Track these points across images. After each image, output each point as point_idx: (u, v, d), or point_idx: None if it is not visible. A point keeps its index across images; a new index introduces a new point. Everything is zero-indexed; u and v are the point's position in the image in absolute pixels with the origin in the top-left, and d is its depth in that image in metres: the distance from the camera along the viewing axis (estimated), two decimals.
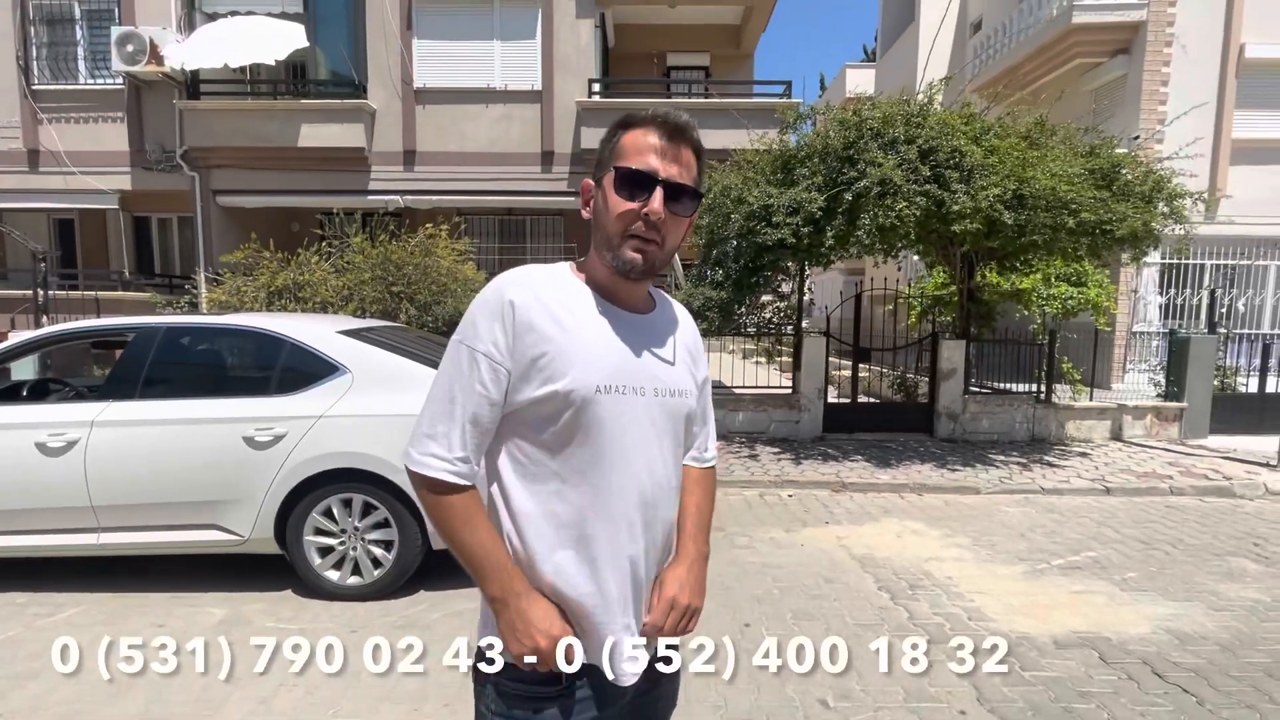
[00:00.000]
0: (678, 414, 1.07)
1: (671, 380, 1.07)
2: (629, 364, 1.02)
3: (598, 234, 1.04)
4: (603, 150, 1.05)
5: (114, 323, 3.94)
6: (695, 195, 1.03)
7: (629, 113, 1.03)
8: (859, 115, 6.37)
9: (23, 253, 11.27)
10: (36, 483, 3.37)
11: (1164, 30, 10.42)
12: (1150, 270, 10.70)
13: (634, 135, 1.01)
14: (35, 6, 10.50)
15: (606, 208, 1.01)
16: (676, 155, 1.01)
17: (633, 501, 1.01)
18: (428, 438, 0.99)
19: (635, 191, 0.99)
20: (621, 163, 1.00)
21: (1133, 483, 5.94)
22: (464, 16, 10.43)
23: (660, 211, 0.98)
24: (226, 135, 10.23)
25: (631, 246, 1.00)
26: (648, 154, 0.99)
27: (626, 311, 1.07)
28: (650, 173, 0.98)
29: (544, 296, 1.00)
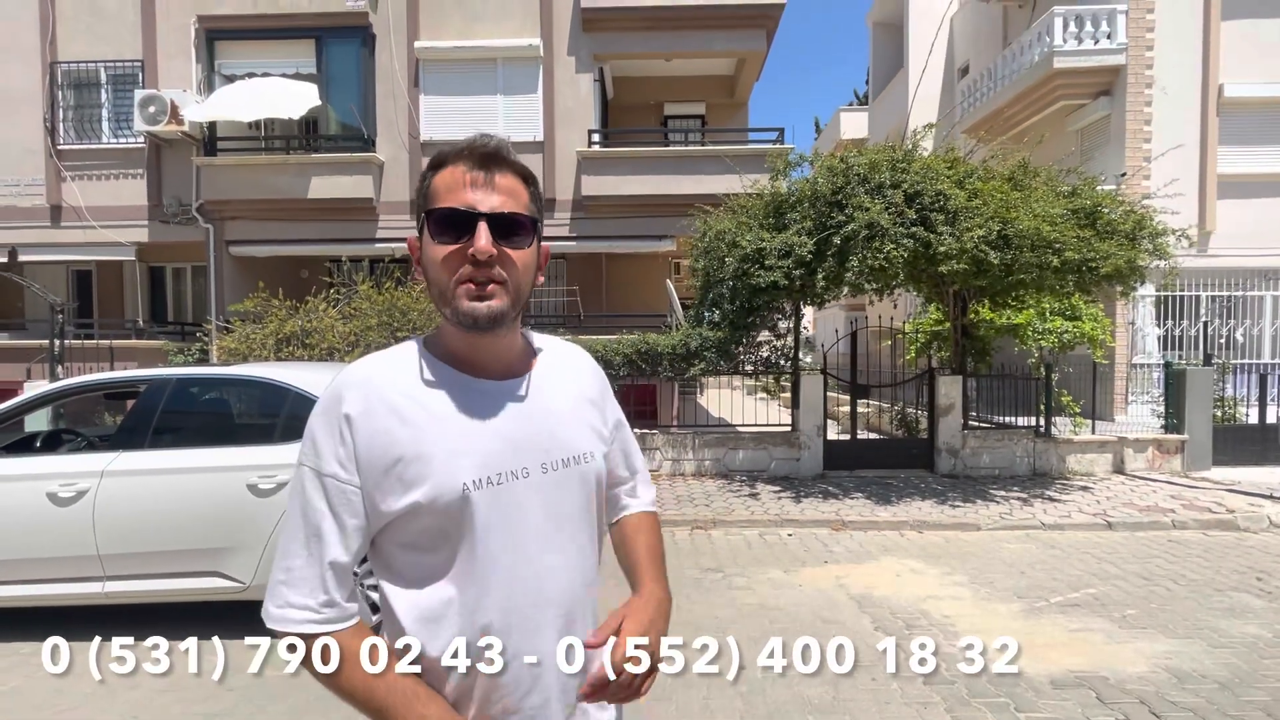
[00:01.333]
0: (581, 481, 0.93)
1: (565, 447, 0.93)
2: (504, 447, 0.88)
3: (432, 290, 0.89)
4: (420, 197, 0.91)
5: (126, 375, 4.10)
6: (530, 222, 0.89)
7: (440, 151, 0.90)
8: (846, 162, 6.61)
9: (42, 304, 11.61)
10: (46, 532, 3.46)
11: (1143, 73, 10.78)
12: (1146, 303, 10.81)
13: (447, 173, 0.88)
14: (64, 72, 11.08)
15: (428, 258, 0.88)
16: (494, 184, 0.87)
17: (542, 599, 0.88)
18: (282, 585, 0.84)
19: (456, 234, 0.85)
20: (435, 205, 0.87)
21: (1135, 517, 5.91)
22: (468, 74, 10.93)
23: (487, 249, 0.84)
24: (240, 189, 10.63)
25: (467, 295, 0.85)
26: (461, 190, 0.86)
27: (493, 380, 0.91)
28: (465, 209, 0.85)
29: (385, 394, 0.86)
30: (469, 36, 10.83)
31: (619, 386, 8.31)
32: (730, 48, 11.12)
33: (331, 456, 0.85)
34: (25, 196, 11.14)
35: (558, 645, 0.90)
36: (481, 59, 10.85)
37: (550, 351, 1.01)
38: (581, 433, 0.96)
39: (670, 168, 10.52)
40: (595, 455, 0.96)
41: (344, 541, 0.85)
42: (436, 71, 10.92)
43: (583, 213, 10.85)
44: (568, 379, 0.99)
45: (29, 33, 10.94)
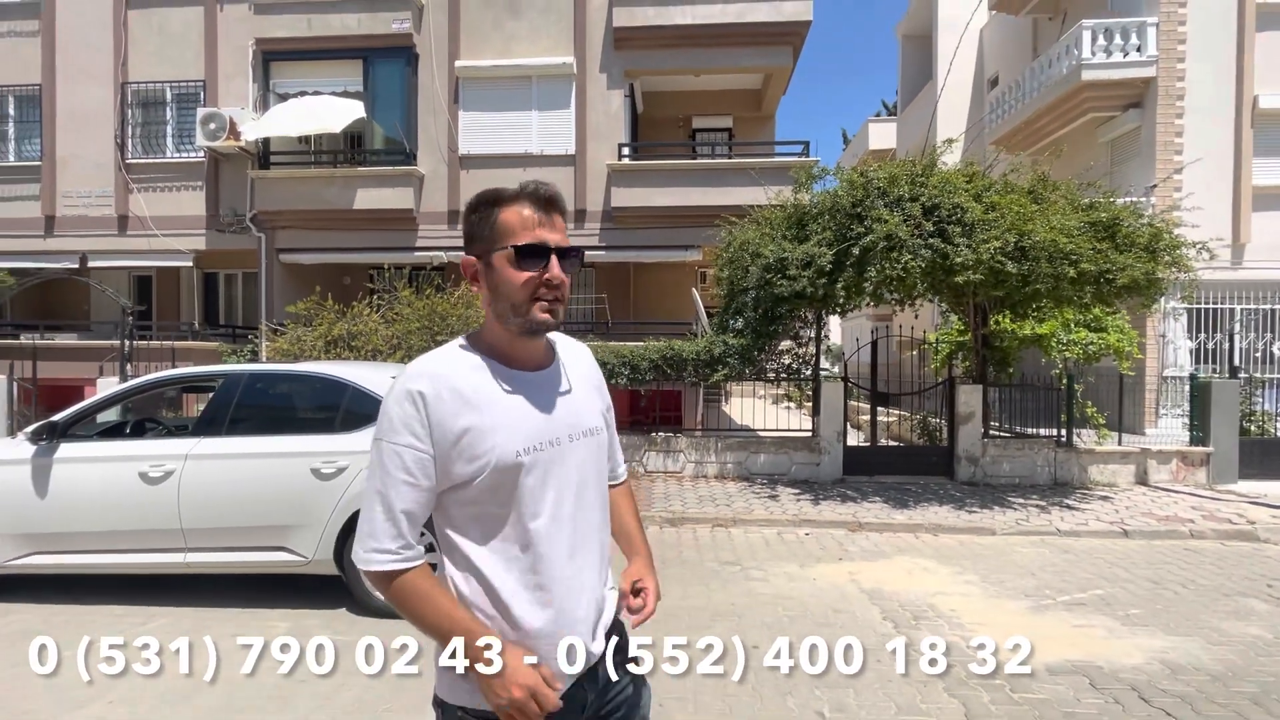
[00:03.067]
0: (597, 448, 1.20)
1: (583, 422, 1.18)
2: (542, 422, 1.12)
3: (500, 304, 1.11)
4: (479, 228, 1.13)
5: (207, 370, 4.56)
6: (579, 252, 1.15)
7: (498, 191, 1.13)
8: (865, 175, 6.84)
9: (105, 306, 12.44)
10: (138, 508, 3.92)
11: (1174, 85, 10.75)
12: (1178, 316, 10.72)
13: (512, 213, 1.10)
14: (134, 92, 11.94)
15: (506, 280, 1.09)
16: (553, 222, 1.11)
17: (578, 534, 1.14)
18: (368, 536, 1.06)
19: (532, 262, 1.08)
20: (512, 240, 1.09)
21: (1152, 525, 5.99)
22: (505, 90, 11.44)
23: (560, 275, 1.10)
24: (291, 200, 11.30)
25: (540, 309, 1.10)
26: (534, 228, 1.09)
27: (528, 372, 1.15)
28: (543, 244, 1.09)
29: (450, 382, 1.08)
30: (506, 56, 11.35)
31: (645, 391, 8.64)
32: (757, 63, 11.44)
33: (406, 431, 1.05)
34: (96, 207, 12.00)
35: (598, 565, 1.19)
36: (518, 76, 11.35)
37: (563, 347, 1.27)
38: (593, 411, 1.22)
39: (697, 180, 10.85)
40: (601, 430, 1.23)
41: (415, 497, 1.05)
42: (475, 89, 11.46)
43: (612, 223, 11.23)
44: (579, 369, 1.25)
45: (104, 56, 11.83)
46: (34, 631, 3.67)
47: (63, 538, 3.97)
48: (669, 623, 3.90)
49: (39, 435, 3.97)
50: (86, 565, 4.01)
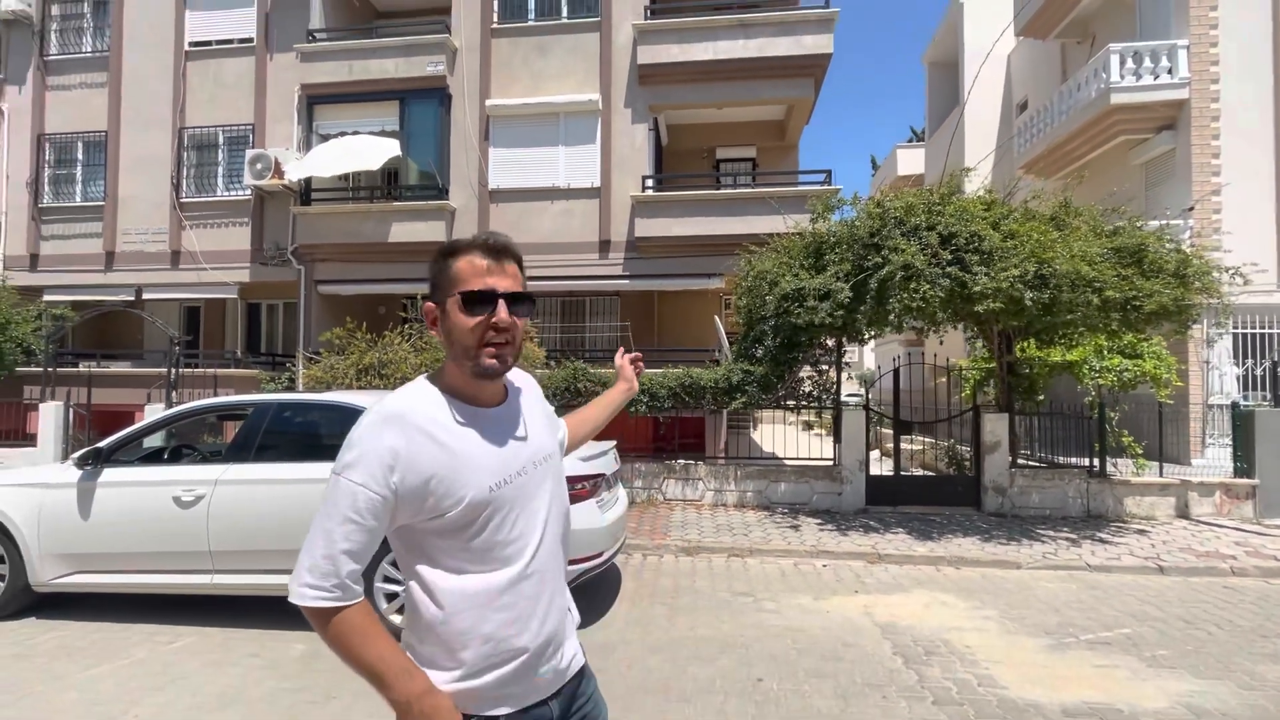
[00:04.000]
0: (556, 473, 1.28)
1: (542, 449, 1.26)
2: (508, 456, 1.18)
3: (454, 348, 1.17)
4: (438, 276, 1.19)
5: (238, 400, 4.81)
6: (530, 298, 1.21)
7: (455, 242, 1.20)
8: (882, 206, 6.87)
9: (156, 336, 13.15)
10: (171, 530, 4.14)
11: (1208, 106, 10.52)
12: (1223, 341, 10.31)
13: (465, 261, 1.17)
14: (189, 136, 12.77)
15: (457, 325, 1.16)
16: (504, 270, 1.18)
17: (542, 555, 1.19)
18: (305, 570, 1.05)
19: (480, 308, 1.14)
20: (464, 287, 1.15)
21: (1190, 562, 5.72)
22: (533, 127, 11.86)
23: (506, 319, 1.15)
24: (330, 234, 11.84)
25: (488, 354, 1.15)
26: (484, 275, 1.15)
27: (487, 409, 1.21)
28: (489, 290, 1.15)
29: (419, 421, 1.12)
30: (535, 94, 11.80)
31: (665, 418, 8.68)
32: (779, 96, 11.62)
33: (364, 470, 1.06)
34: (151, 243, 12.78)
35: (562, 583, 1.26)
36: (545, 114, 11.76)
37: (516, 380, 1.33)
38: (547, 437, 1.30)
39: (719, 210, 11.00)
40: (555, 454, 1.31)
41: (359, 538, 1.06)
42: (504, 126, 11.91)
43: (635, 252, 11.43)
44: (529, 399, 1.32)
45: (164, 104, 12.72)
46: (72, 647, 3.89)
47: (102, 558, 4.21)
48: (675, 651, 3.91)
49: (85, 461, 4.25)
50: (122, 585, 4.23)
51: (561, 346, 12.61)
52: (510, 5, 12.13)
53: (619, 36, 11.59)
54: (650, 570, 5.74)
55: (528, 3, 12.09)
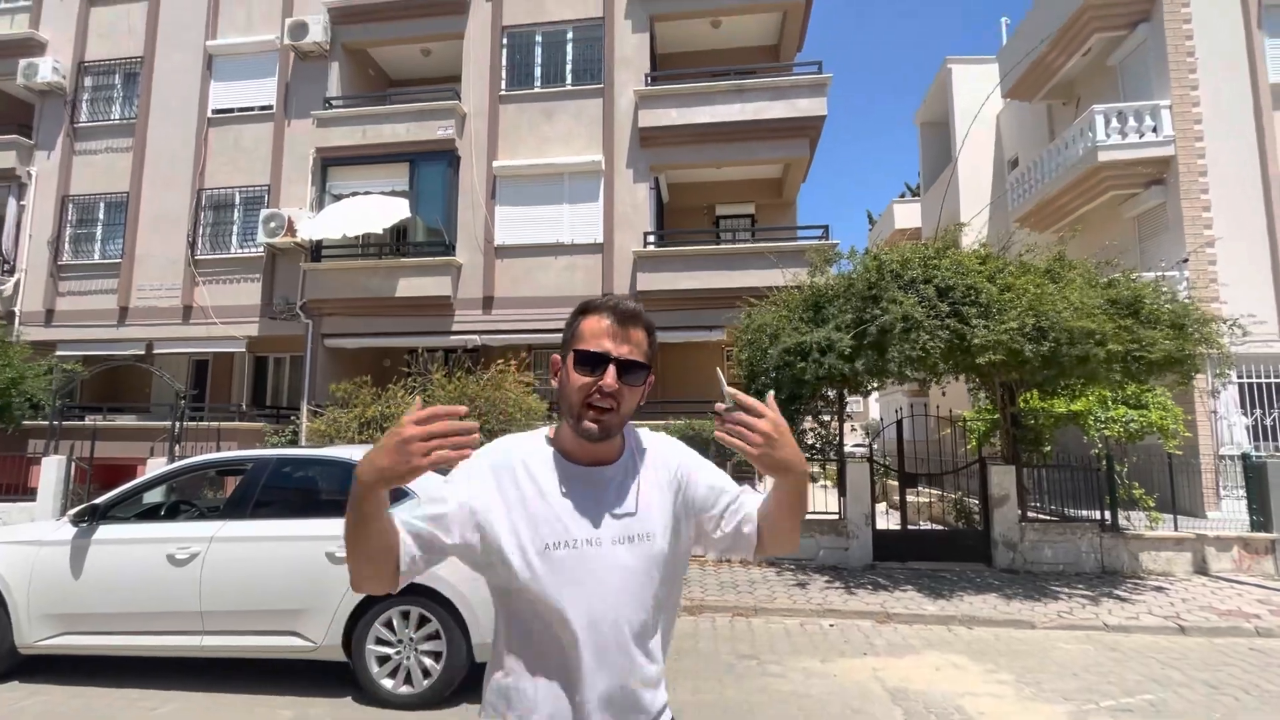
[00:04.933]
0: (643, 557, 1.15)
1: (633, 526, 1.16)
2: (582, 518, 1.14)
3: (562, 404, 1.18)
4: (566, 333, 1.20)
5: (237, 455, 4.82)
6: (644, 368, 1.17)
7: (587, 300, 1.21)
8: (879, 259, 6.99)
9: (165, 389, 13.26)
10: (163, 589, 4.07)
11: (1195, 162, 10.80)
12: (1228, 391, 10.24)
13: (590, 321, 1.17)
14: (207, 196, 13.24)
15: (568, 382, 1.16)
16: (627, 336, 1.15)
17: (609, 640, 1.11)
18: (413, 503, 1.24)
19: (591, 368, 1.13)
20: (580, 346, 1.15)
21: (1213, 621, 5.52)
22: (539, 186, 12.25)
23: (612, 384, 1.12)
24: (338, 289, 12.09)
25: (589, 416, 1.13)
26: (602, 337, 1.14)
27: (588, 467, 1.19)
28: (603, 353, 1.13)
29: (516, 461, 1.17)
30: (540, 155, 12.24)
31: None
32: (776, 156, 12.02)
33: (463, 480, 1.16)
34: (164, 299, 13.05)
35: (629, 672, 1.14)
36: (550, 174, 12.18)
37: (639, 444, 1.25)
38: (650, 516, 1.18)
39: (719, 264, 11.21)
40: (656, 537, 1.18)
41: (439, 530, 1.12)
42: (511, 185, 12.31)
43: None
44: (647, 468, 1.23)
45: (185, 167, 13.25)
46: (56, 713, 3.77)
47: (91, 618, 4.13)
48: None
49: (80, 518, 4.23)
50: (109, 647, 4.12)
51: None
52: (517, 73, 12.74)
53: (621, 101, 12.10)
54: None
55: (534, 71, 12.69)
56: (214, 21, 13.66)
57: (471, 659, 3.88)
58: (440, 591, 3.86)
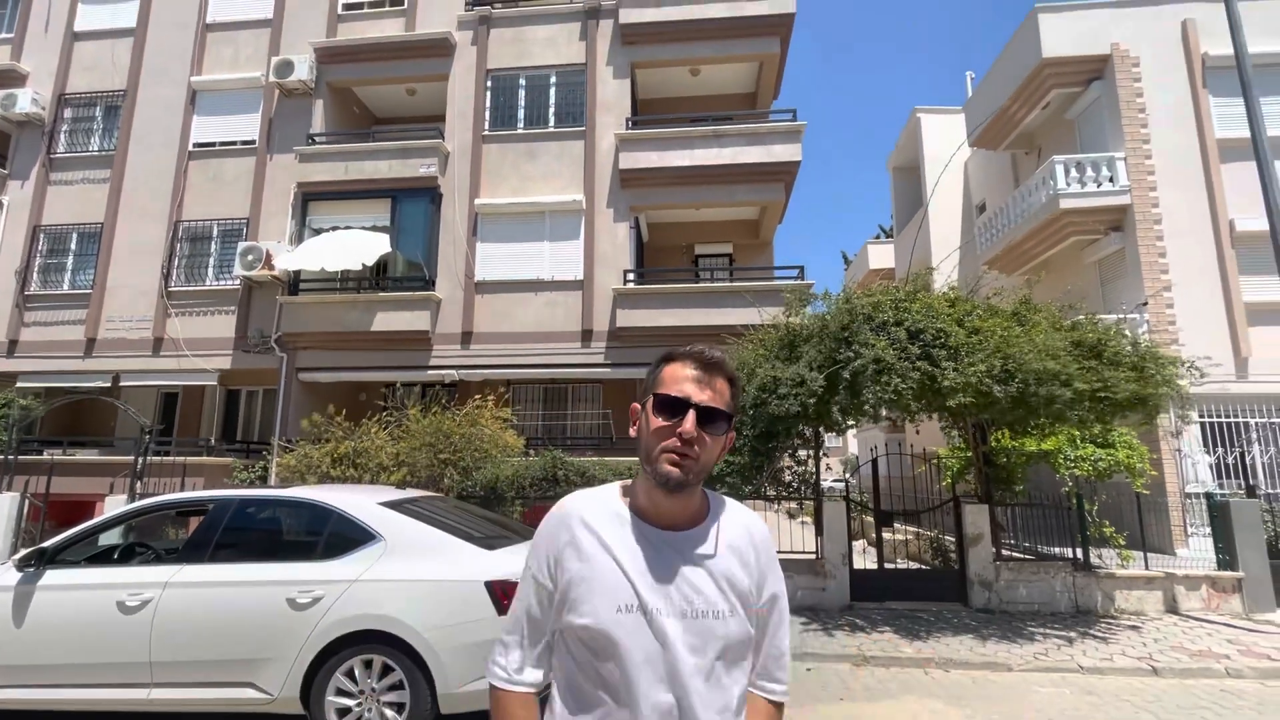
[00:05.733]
0: (713, 635, 1.08)
1: (704, 601, 1.09)
2: (653, 587, 1.08)
3: (641, 450, 1.14)
4: (649, 380, 1.19)
5: (196, 495, 4.67)
6: (727, 417, 1.13)
7: (672, 349, 1.19)
8: (850, 302, 7.15)
9: (130, 422, 12.88)
10: (109, 638, 3.87)
11: (1150, 210, 11.31)
12: (1191, 429, 10.52)
13: (674, 368, 1.14)
14: (184, 228, 13.13)
15: (646, 429, 1.13)
16: (710, 384, 1.13)
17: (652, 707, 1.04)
18: (499, 647, 1.18)
19: (671, 414, 1.10)
20: (661, 390, 1.13)
21: (1184, 662, 5.55)
22: (520, 224, 12.38)
23: (691, 431, 1.08)
24: (315, 323, 11.97)
25: (667, 460, 1.09)
26: (684, 383, 1.12)
27: (663, 530, 1.13)
28: (683, 398, 1.10)
29: (586, 523, 1.14)
30: (522, 194, 12.41)
31: None
32: (752, 198, 12.33)
33: (538, 563, 1.16)
34: (134, 330, 12.80)
35: None
36: (532, 212, 12.33)
37: (722, 513, 1.19)
38: (722, 592, 1.11)
39: (697, 302, 11.35)
40: (727, 615, 1.10)
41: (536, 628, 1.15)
42: (492, 222, 12.43)
43: (618, 342, 11.64)
44: (728, 541, 1.15)
45: (163, 199, 13.17)
46: None
47: (33, 670, 3.91)
48: None
49: (26, 562, 4.04)
50: (51, 701, 3.90)
51: (543, 434, 12.53)
52: (501, 114, 13.00)
53: (602, 144, 12.38)
54: None
55: (518, 113, 12.96)
56: (200, 58, 13.79)
57: (436, 709, 3.74)
58: (404, 639, 3.73)
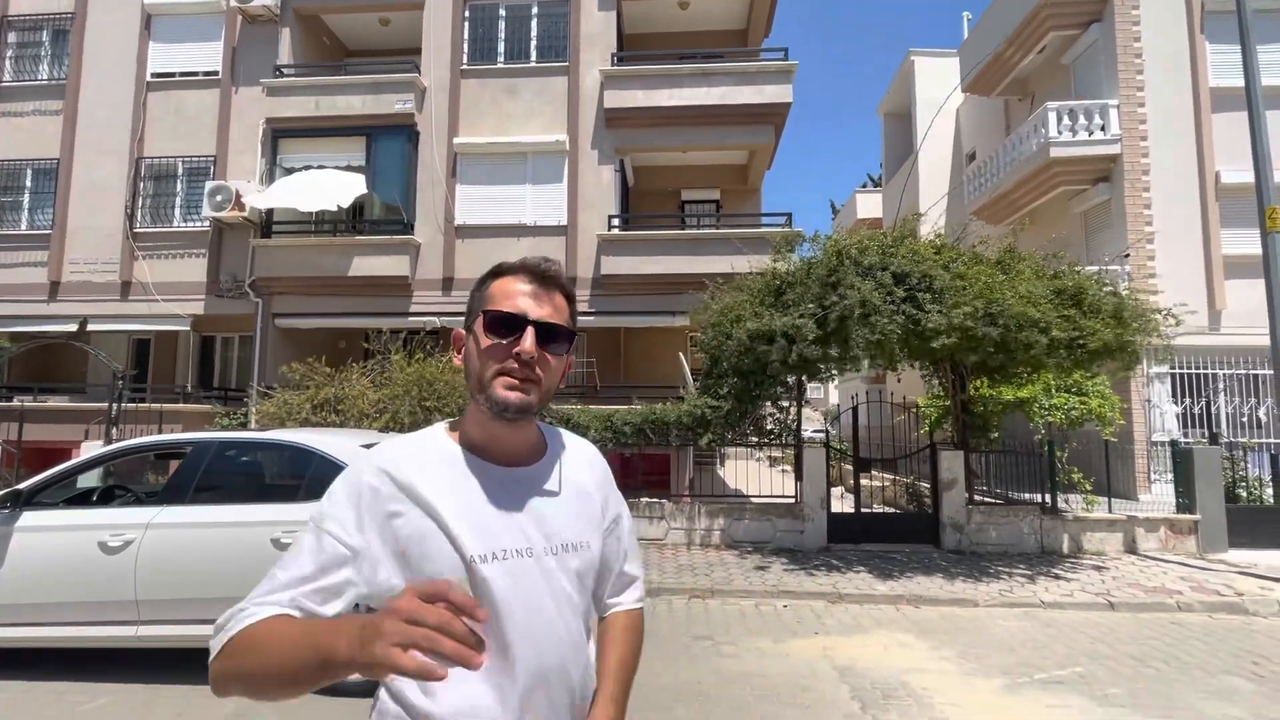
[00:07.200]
0: (574, 568, 1.00)
1: (564, 534, 1.00)
2: (507, 526, 0.96)
3: (470, 379, 1.00)
4: (473, 300, 1.03)
5: (177, 438, 4.60)
6: (568, 336, 1.01)
7: (500, 263, 1.04)
8: (839, 245, 7.08)
9: (102, 369, 12.60)
10: (94, 578, 3.87)
11: (1139, 161, 11.25)
12: (1161, 380, 10.80)
13: (504, 282, 1.00)
14: (147, 166, 12.52)
15: (477, 350, 0.99)
16: (548, 299, 1.00)
17: (534, 668, 0.94)
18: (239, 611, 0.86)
19: (507, 332, 0.97)
20: (493, 307, 0.98)
21: (1139, 598, 5.85)
22: (501, 165, 11.99)
23: (532, 350, 0.96)
24: (290, 267, 11.64)
25: (503, 384, 0.96)
26: (518, 298, 0.98)
27: (503, 467, 1.01)
28: (520, 314, 0.97)
29: (409, 472, 0.95)
30: (503, 133, 11.96)
31: (630, 454, 8.61)
32: (741, 141, 12.02)
33: (336, 521, 0.91)
34: (100, 273, 12.34)
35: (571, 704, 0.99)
36: (513, 153, 11.92)
37: (558, 444, 1.09)
38: (578, 522, 1.03)
39: (684, 249, 11.19)
40: (591, 544, 1.03)
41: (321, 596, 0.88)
42: (472, 163, 12.01)
43: (601, 290, 11.51)
44: (571, 470, 1.07)
45: (122, 134, 12.48)
46: None
47: (15, 609, 3.91)
48: (631, 700, 3.78)
49: (2, 504, 3.98)
50: (35, 639, 3.92)
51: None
52: (480, 48, 12.38)
53: (586, 81, 11.89)
54: None
55: (497, 46, 12.35)
56: None
57: None
58: None
